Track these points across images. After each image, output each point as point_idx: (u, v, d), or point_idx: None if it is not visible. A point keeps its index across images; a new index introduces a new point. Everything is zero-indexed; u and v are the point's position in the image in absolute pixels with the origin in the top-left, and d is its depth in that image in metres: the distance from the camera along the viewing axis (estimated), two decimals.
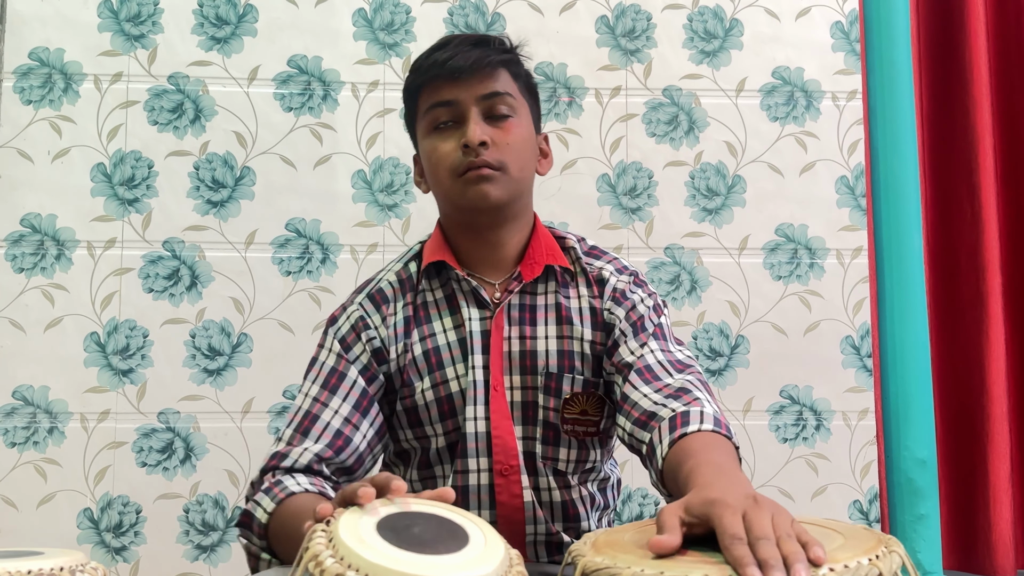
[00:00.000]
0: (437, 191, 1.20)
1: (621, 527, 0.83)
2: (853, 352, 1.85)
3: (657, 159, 1.87)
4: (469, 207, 1.16)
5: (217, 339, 1.77)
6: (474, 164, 1.13)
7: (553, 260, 1.21)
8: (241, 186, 1.80)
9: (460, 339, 1.19)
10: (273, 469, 1.11)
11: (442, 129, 1.17)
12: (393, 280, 1.23)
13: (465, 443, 1.17)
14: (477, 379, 1.18)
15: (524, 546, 1.20)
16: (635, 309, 1.20)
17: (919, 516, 1.76)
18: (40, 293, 1.74)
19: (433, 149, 1.17)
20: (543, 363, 1.19)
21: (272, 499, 1.06)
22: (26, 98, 1.77)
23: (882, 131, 1.86)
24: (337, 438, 1.13)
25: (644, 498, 1.82)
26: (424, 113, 1.18)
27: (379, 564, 0.66)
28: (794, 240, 1.87)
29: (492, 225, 1.20)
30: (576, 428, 1.19)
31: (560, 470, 1.20)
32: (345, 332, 1.20)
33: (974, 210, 1.91)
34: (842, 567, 0.65)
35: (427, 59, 1.18)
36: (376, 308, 1.21)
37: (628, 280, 1.23)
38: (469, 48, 1.16)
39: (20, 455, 1.71)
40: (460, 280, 1.20)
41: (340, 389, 1.16)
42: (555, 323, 1.20)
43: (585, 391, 1.19)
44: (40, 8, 1.78)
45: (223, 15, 1.82)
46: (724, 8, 1.90)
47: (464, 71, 1.15)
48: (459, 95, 1.15)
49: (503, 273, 1.22)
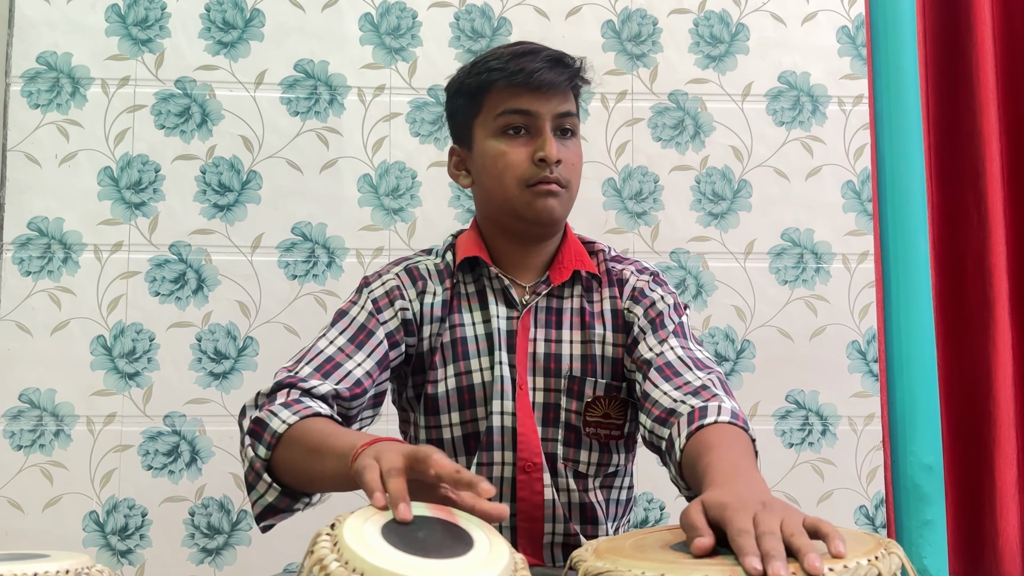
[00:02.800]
0: (495, 194, 1.21)
1: (623, 535, 0.85)
2: (859, 357, 1.85)
3: (663, 163, 1.87)
4: (533, 218, 1.19)
5: (223, 342, 1.77)
6: (547, 179, 1.17)
7: (581, 266, 1.24)
8: (247, 190, 1.80)
9: (487, 333, 1.22)
10: (291, 387, 1.09)
11: (512, 136, 1.19)
12: (431, 266, 1.26)
13: (491, 436, 1.19)
14: (504, 375, 1.20)
15: (541, 547, 1.20)
16: (654, 306, 1.22)
17: (925, 522, 1.76)
18: (47, 296, 1.75)
19: (501, 154, 1.18)
20: (567, 366, 1.21)
21: (294, 413, 1.03)
22: (34, 102, 1.77)
23: (888, 136, 1.85)
24: (356, 386, 1.13)
25: (649, 502, 1.81)
26: (496, 115, 1.19)
27: (384, 569, 0.66)
28: (800, 245, 1.86)
29: (543, 236, 1.24)
30: (599, 431, 1.21)
31: (581, 472, 1.21)
32: (379, 295, 1.22)
33: (980, 215, 1.91)
34: (841, 567, 0.66)
35: (508, 62, 1.18)
36: (412, 283, 1.23)
37: (648, 279, 1.26)
38: (553, 64, 1.18)
39: (26, 458, 1.72)
40: (492, 278, 1.23)
41: (367, 345, 1.17)
42: (580, 327, 1.23)
43: (607, 395, 1.21)
44: (48, 12, 1.79)
45: (230, 19, 1.82)
46: (730, 13, 1.90)
47: (551, 86, 1.17)
48: (539, 108, 1.18)
49: (533, 275, 1.25)
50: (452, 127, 1.28)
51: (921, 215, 1.83)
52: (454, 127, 1.27)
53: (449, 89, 1.26)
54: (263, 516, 1.06)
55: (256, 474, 1.04)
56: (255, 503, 1.05)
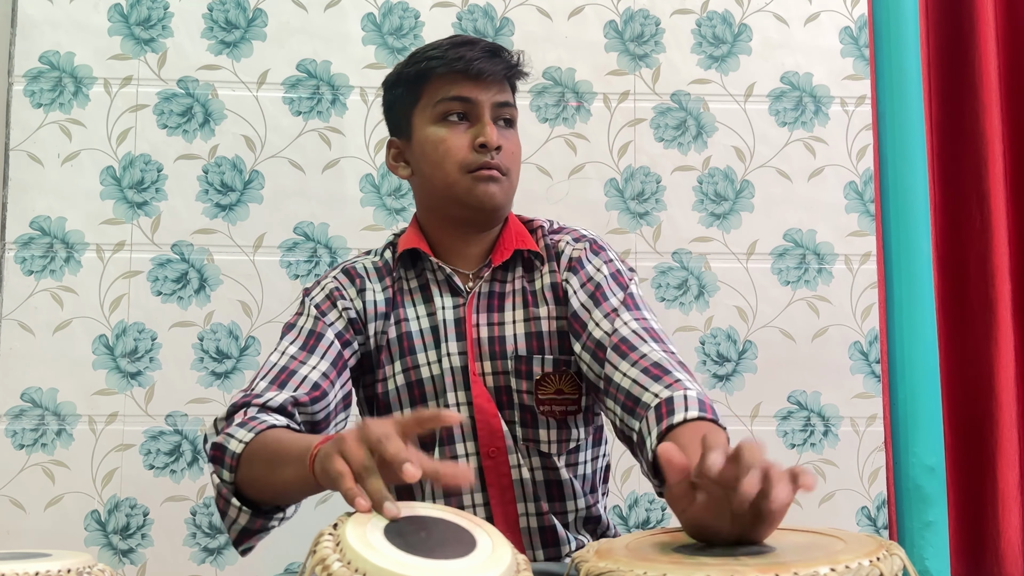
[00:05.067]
0: (436, 181, 1.21)
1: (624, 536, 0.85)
2: (861, 358, 1.85)
3: (665, 164, 1.87)
4: (476, 204, 1.19)
5: (225, 342, 1.77)
6: (488, 164, 1.18)
7: (522, 245, 1.24)
8: (250, 190, 1.80)
9: (432, 327, 1.22)
10: (245, 406, 1.09)
11: (452, 123, 1.20)
12: (368, 265, 1.26)
13: (450, 429, 1.19)
14: (454, 365, 1.20)
15: (519, 531, 1.20)
16: (592, 279, 1.21)
17: (927, 523, 1.76)
18: (49, 296, 1.75)
19: (441, 140, 1.19)
20: (512, 347, 1.21)
21: (249, 430, 1.03)
22: (36, 101, 1.78)
23: (891, 136, 1.85)
24: (315, 389, 1.13)
25: (651, 503, 1.81)
26: (434, 103, 1.20)
27: (387, 569, 0.66)
28: (802, 245, 1.86)
29: (485, 224, 1.24)
30: (554, 408, 1.21)
31: (544, 451, 1.21)
32: (320, 300, 1.22)
33: (983, 216, 1.91)
34: (843, 567, 0.66)
35: (447, 51, 1.20)
36: (351, 282, 1.24)
37: (584, 247, 1.24)
38: (490, 54, 1.20)
39: (28, 457, 1.72)
40: (435, 269, 1.23)
41: (318, 348, 1.17)
42: (522, 307, 1.23)
43: (556, 370, 1.21)
44: (51, 12, 1.79)
45: (232, 19, 1.83)
46: (733, 13, 1.90)
47: (488, 74, 1.19)
48: (478, 96, 1.19)
49: (475, 263, 1.25)
50: (390, 119, 1.29)
51: (923, 216, 1.83)
52: (392, 118, 1.28)
53: (387, 82, 1.27)
54: (239, 540, 1.06)
55: (225, 500, 1.04)
56: (230, 528, 1.05)
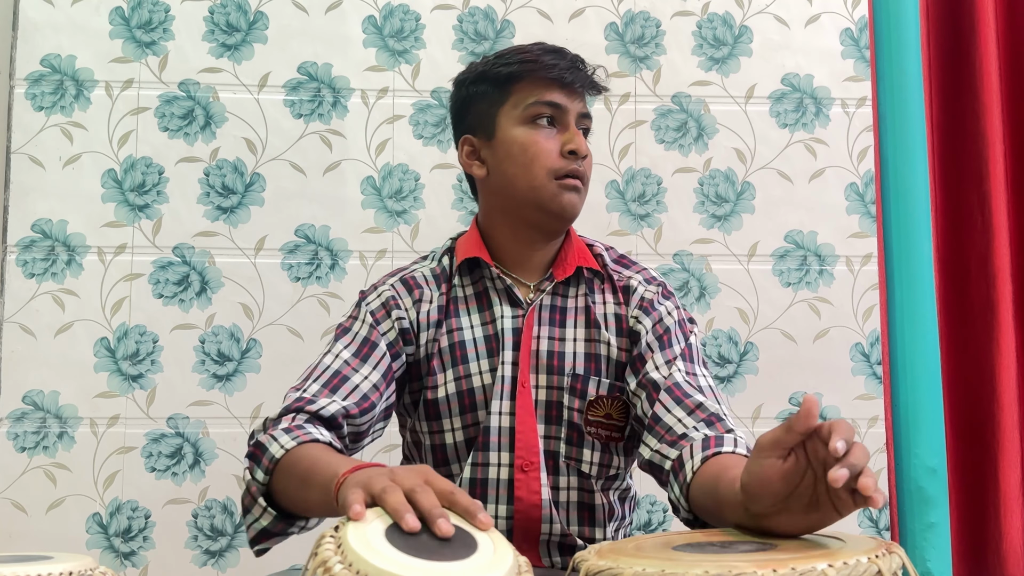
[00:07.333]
0: (519, 182, 1.20)
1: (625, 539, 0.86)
2: (863, 359, 1.85)
3: (666, 166, 1.87)
4: (556, 210, 1.19)
5: (226, 345, 1.77)
6: (576, 172, 1.19)
7: (584, 263, 1.24)
8: (251, 192, 1.80)
9: (487, 336, 1.21)
10: (297, 411, 1.09)
11: (541, 126, 1.20)
12: (427, 272, 1.26)
13: (487, 436, 1.18)
14: (505, 375, 1.20)
15: (537, 545, 1.20)
16: (661, 322, 1.22)
17: (929, 524, 1.75)
18: (51, 298, 1.75)
19: (532, 142, 1.19)
20: (570, 364, 1.21)
21: (292, 438, 1.03)
22: (38, 104, 1.78)
23: (892, 138, 1.85)
24: (364, 400, 1.13)
25: (652, 505, 1.81)
26: (524, 104, 1.20)
27: (388, 571, 0.66)
28: (803, 247, 1.86)
29: (555, 233, 1.24)
30: (600, 431, 1.21)
31: (584, 472, 1.21)
32: (375, 307, 1.22)
33: (984, 217, 1.91)
34: (841, 563, 0.67)
35: (539, 56, 1.21)
36: (408, 292, 1.23)
37: (656, 291, 1.25)
38: (582, 67, 1.22)
39: (30, 460, 1.72)
40: (495, 278, 1.23)
41: (371, 358, 1.17)
42: (584, 326, 1.23)
43: (610, 395, 1.21)
44: (52, 15, 1.79)
45: (234, 22, 1.83)
46: (733, 15, 1.90)
47: (579, 84, 1.21)
48: (569, 105, 1.20)
49: (535, 275, 1.25)
50: (468, 115, 1.26)
51: (925, 217, 1.83)
52: (468, 115, 1.26)
53: (466, 78, 1.26)
54: (257, 540, 1.06)
55: (252, 498, 1.04)
56: (250, 526, 1.05)
